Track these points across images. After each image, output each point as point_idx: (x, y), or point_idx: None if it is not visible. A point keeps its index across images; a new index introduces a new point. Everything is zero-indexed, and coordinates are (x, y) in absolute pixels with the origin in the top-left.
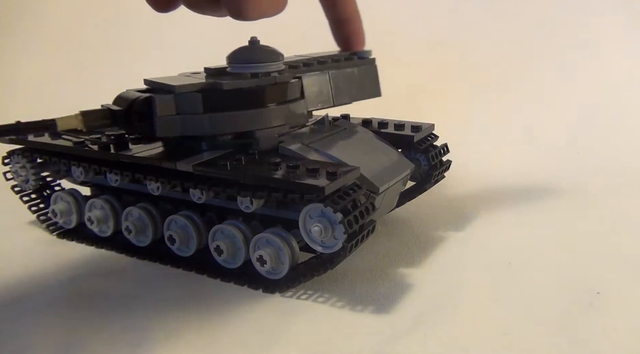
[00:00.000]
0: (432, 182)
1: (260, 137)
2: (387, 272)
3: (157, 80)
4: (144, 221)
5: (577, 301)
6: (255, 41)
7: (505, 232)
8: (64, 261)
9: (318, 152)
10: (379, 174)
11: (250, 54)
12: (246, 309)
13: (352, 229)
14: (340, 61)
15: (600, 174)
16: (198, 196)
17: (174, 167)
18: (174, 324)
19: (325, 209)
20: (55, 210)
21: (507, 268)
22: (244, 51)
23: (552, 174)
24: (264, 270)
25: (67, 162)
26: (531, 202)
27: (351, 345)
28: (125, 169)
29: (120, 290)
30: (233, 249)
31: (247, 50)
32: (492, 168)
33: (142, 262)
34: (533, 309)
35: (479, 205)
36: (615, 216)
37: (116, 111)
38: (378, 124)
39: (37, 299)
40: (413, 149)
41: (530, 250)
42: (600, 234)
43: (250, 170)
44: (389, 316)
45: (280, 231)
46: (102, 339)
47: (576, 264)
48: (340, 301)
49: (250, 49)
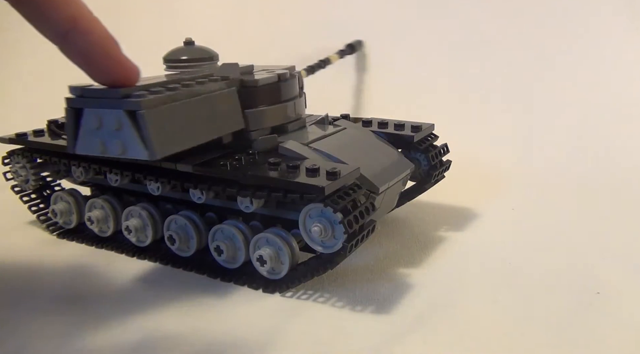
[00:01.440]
0: (432, 182)
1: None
2: (387, 272)
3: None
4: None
5: (577, 301)
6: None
7: (506, 232)
8: (63, 261)
9: (318, 152)
10: (379, 174)
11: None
12: (246, 309)
13: (352, 229)
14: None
15: (601, 174)
16: (198, 196)
17: (174, 167)
18: (174, 324)
19: (325, 209)
20: (55, 210)
21: (507, 267)
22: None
23: (552, 174)
24: (264, 270)
25: (67, 162)
26: (531, 202)
27: (351, 345)
28: (125, 169)
29: (120, 290)
30: (233, 249)
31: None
32: (492, 168)
33: (141, 262)
34: (533, 309)
35: (479, 205)
36: (615, 216)
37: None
38: (378, 124)
39: (37, 299)
40: (413, 149)
41: (530, 250)
42: (600, 234)
43: (250, 170)
44: (389, 316)
45: (280, 231)
46: (102, 339)
47: (576, 264)
48: (340, 301)
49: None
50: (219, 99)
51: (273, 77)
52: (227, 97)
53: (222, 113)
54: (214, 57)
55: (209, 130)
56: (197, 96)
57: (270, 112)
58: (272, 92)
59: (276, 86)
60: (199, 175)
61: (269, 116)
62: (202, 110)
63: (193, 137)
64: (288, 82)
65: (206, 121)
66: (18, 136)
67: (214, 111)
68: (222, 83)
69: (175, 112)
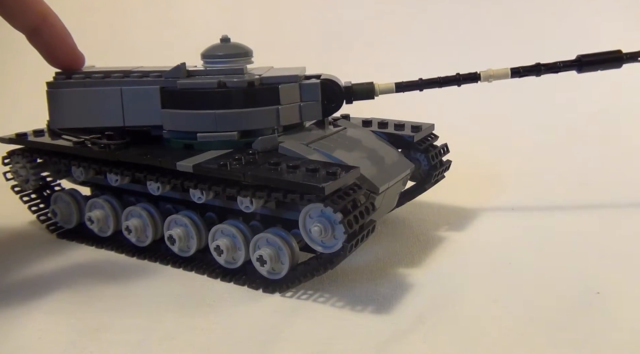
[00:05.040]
0: (432, 182)
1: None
2: (387, 272)
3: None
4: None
5: (577, 301)
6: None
7: (506, 232)
8: (63, 261)
9: (318, 152)
10: (379, 174)
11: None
12: (246, 309)
13: (352, 229)
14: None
15: (601, 174)
16: (198, 196)
17: (174, 167)
18: (174, 324)
19: (326, 209)
20: (55, 210)
21: (507, 267)
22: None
23: (552, 174)
24: (264, 270)
25: (67, 162)
26: (531, 202)
27: (351, 345)
28: (125, 169)
29: (119, 290)
30: (233, 249)
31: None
32: (492, 168)
33: (141, 262)
34: (533, 309)
35: (479, 205)
36: (615, 216)
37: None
38: (378, 124)
39: (37, 299)
40: (413, 149)
41: (530, 250)
42: (600, 234)
43: (250, 170)
44: (389, 316)
45: (280, 231)
46: (102, 339)
47: (576, 264)
48: (340, 301)
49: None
50: (128, 93)
51: (242, 82)
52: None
53: (132, 106)
54: (249, 53)
55: (103, 117)
56: (101, 86)
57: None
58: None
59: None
60: (199, 175)
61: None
62: (100, 99)
63: (83, 120)
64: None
65: (101, 109)
66: (18, 136)
67: (113, 103)
68: (148, 80)
69: (72, 96)
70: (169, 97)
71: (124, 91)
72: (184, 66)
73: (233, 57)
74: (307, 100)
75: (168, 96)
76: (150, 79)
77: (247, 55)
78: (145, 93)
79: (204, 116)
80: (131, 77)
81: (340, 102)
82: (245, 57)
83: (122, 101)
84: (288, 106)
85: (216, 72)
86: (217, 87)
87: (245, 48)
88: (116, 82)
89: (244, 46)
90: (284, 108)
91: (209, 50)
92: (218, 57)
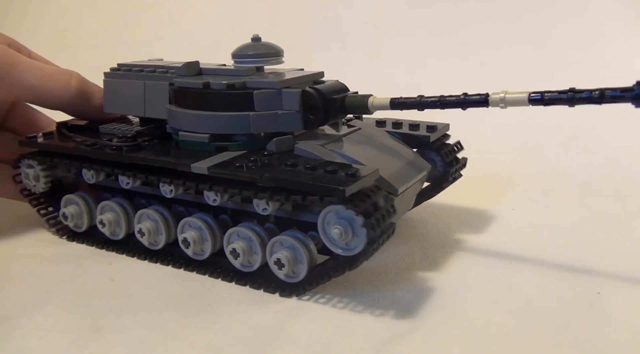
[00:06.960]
0: (450, 180)
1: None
2: (387, 273)
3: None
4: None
5: (577, 301)
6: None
7: (506, 232)
8: (65, 262)
9: (334, 152)
10: (396, 175)
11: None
12: (246, 309)
13: (374, 231)
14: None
15: (602, 174)
16: (213, 199)
17: (188, 169)
18: (174, 324)
19: (346, 211)
20: (65, 213)
21: (507, 267)
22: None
23: (552, 174)
24: (282, 273)
25: (77, 164)
26: (531, 202)
27: (351, 345)
28: (137, 171)
29: (120, 290)
30: (249, 252)
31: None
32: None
33: (142, 262)
34: (533, 309)
35: (479, 205)
36: (615, 216)
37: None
38: (392, 124)
39: (38, 299)
40: (428, 149)
41: (530, 250)
42: (600, 234)
43: (267, 172)
44: (389, 316)
45: (297, 234)
46: (103, 339)
47: (576, 264)
48: (340, 302)
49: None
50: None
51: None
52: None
53: (149, 99)
54: (280, 53)
55: (137, 108)
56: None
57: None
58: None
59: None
60: (214, 177)
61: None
62: (132, 90)
63: (127, 108)
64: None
65: (137, 100)
66: (27, 139)
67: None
68: (165, 76)
69: (119, 86)
70: (170, 95)
71: (146, 85)
72: (189, 64)
73: (262, 57)
74: (287, 109)
75: (170, 93)
76: (169, 76)
77: (277, 55)
78: (161, 88)
79: (186, 115)
80: (162, 73)
81: (323, 115)
82: (275, 57)
83: (145, 94)
84: (263, 114)
85: (229, 72)
86: (202, 88)
87: (275, 48)
88: (162, 77)
89: (274, 46)
90: (256, 115)
91: (239, 50)
92: (247, 56)
